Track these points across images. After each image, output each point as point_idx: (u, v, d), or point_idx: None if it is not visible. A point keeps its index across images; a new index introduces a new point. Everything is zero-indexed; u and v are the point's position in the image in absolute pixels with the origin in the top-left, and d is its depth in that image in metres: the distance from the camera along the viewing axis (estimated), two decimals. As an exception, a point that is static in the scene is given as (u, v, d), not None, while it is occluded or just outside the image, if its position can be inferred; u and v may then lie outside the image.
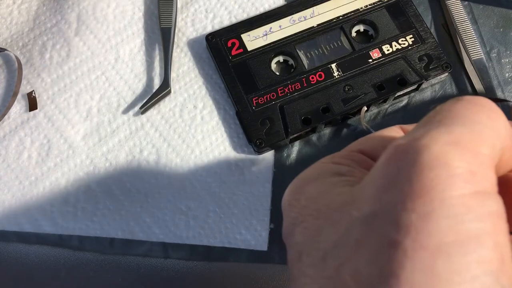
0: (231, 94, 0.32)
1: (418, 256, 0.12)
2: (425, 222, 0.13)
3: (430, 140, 0.13)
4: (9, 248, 0.30)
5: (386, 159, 0.14)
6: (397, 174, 0.13)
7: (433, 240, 0.12)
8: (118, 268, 0.30)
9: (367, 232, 0.14)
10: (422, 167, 0.13)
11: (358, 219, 0.14)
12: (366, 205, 0.14)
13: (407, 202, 0.13)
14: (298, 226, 0.17)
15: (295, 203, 0.18)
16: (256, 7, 0.36)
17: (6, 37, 0.35)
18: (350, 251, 0.14)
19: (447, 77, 0.34)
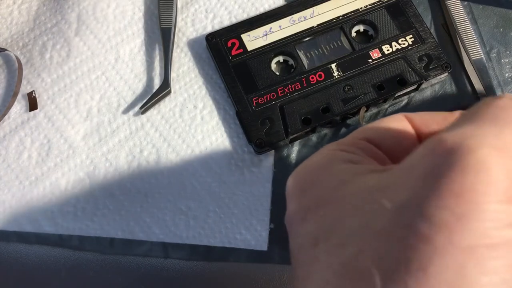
0: (231, 94, 0.32)
1: (449, 255, 0.13)
2: (460, 223, 0.13)
3: (478, 143, 0.13)
4: (9, 248, 0.30)
5: (428, 153, 0.14)
6: (437, 170, 0.13)
7: (466, 241, 0.13)
8: (118, 268, 0.30)
9: (397, 222, 0.14)
10: (465, 169, 0.13)
11: (387, 208, 0.14)
12: (398, 195, 0.14)
13: (444, 200, 0.13)
14: (314, 212, 0.17)
15: (309, 189, 0.18)
16: (256, 7, 0.36)
17: (6, 37, 0.35)
18: (374, 239, 0.14)
19: (447, 77, 0.34)
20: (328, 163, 0.18)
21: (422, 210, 0.13)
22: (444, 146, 0.14)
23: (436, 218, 0.13)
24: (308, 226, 0.17)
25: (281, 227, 0.30)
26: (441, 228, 0.13)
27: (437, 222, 0.13)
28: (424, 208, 0.13)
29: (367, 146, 0.19)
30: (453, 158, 0.13)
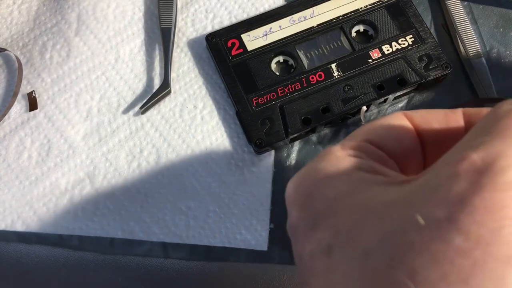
0: (231, 94, 0.32)
1: (488, 266, 0.13)
2: (497, 236, 0.13)
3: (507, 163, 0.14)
4: (9, 248, 0.30)
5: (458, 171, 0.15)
6: (469, 189, 0.14)
7: (504, 252, 0.13)
8: (118, 268, 0.30)
9: (429, 236, 0.14)
10: (497, 188, 0.14)
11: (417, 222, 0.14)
12: (429, 210, 0.14)
13: (479, 216, 0.14)
14: (325, 220, 0.17)
15: (317, 196, 0.18)
16: (256, 7, 0.36)
17: (6, 37, 0.35)
18: (404, 250, 0.14)
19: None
20: (337, 170, 0.18)
21: (458, 225, 0.14)
22: (474, 164, 0.15)
23: (473, 233, 0.14)
24: (318, 234, 0.17)
25: (281, 227, 0.30)
26: (479, 242, 0.13)
27: (474, 236, 0.14)
28: (460, 224, 0.14)
29: (369, 149, 0.19)
30: (486, 177, 0.14)
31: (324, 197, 0.17)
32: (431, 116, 0.20)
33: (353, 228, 0.16)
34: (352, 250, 0.16)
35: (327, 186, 0.18)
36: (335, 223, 0.17)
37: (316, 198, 0.18)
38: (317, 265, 0.16)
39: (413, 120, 0.20)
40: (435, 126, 0.19)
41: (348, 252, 0.16)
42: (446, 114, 0.20)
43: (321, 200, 0.17)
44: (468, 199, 0.14)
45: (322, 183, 0.18)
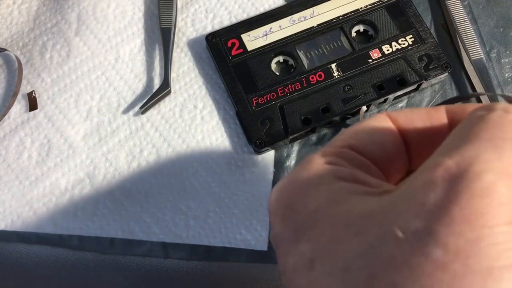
0: (231, 94, 0.32)
1: (469, 280, 0.13)
2: (475, 247, 0.13)
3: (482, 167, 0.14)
4: (9, 248, 0.30)
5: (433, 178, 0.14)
6: (445, 197, 0.14)
7: (484, 264, 0.13)
8: (118, 268, 0.30)
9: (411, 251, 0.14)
10: (473, 194, 0.14)
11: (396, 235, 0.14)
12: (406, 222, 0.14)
13: (457, 226, 0.13)
14: (306, 233, 0.17)
15: (298, 207, 0.17)
16: (256, 7, 0.36)
17: (6, 37, 0.35)
18: (384, 265, 0.14)
19: (447, 77, 0.34)
20: (317, 180, 0.18)
21: (436, 237, 0.13)
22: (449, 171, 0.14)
23: (451, 245, 0.13)
24: (300, 247, 0.17)
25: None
26: (458, 254, 0.13)
27: (453, 248, 0.13)
28: (437, 235, 0.13)
29: (350, 155, 0.19)
30: (461, 184, 0.14)
31: (305, 208, 0.17)
32: (415, 115, 0.19)
33: (333, 241, 0.16)
34: (333, 265, 0.15)
35: (307, 197, 0.17)
36: (315, 236, 0.16)
37: (296, 210, 0.17)
38: (299, 279, 0.16)
39: (397, 121, 0.19)
40: (418, 125, 0.19)
41: (329, 267, 0.15)
42: (429, 112, 0.19)
43: (302, 211, 0.17)
44: (445, 209, 0.14)
45: (302, 194, 0.18)
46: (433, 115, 0.19)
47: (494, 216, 0.13)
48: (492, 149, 0.14)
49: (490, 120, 0.15)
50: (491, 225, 0.13)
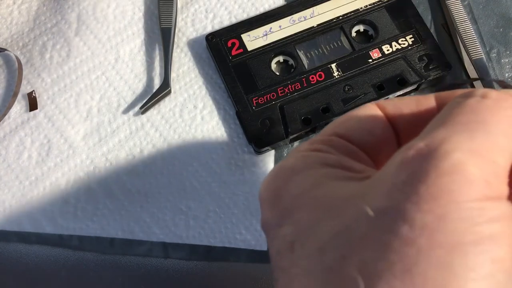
0: (231, 94, 0.32)
1: (434, 254, 0.13)
2: (442, 223, 0.13)
3: (451, 147, 0.14)
4: (9, 248, 0.30)
5: (404, 159, 0.15)
6: (414, 175, 0.14)
7: (450, 239, 0.13)
8: (118, 268, 0.30)
9: (379, 228, 0.14)
10: (441, 172, 0.14)
11: (367, 214, 0.14)
12: (378, 201, 0.14)
13: (423, 203, 0.14)
14: (289, 217, 0.17)
15: (284, 193, 0.18)
16: (256, 7, 0.36)
17: (6, 37, 0.35)
18: (355, 244, 0.14)
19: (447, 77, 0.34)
20: (302, 166, 0.18)
21: (403, 214, 0.14)
22: (419, 151, 0.14)
23: (418, 221, 0.13)
24: (283, 230, 0.17)
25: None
26: (424, 230, 0.13)
27: (419, 224, 0.13)
28: (405, 212, 0.14)
29: (338, 142, 0.19)
30: (429, 163, 0.14)
31: (290, 193, 0.17)
32: (403, 103, 0.19)
33: (312, 224, 0.16)
34: (310, 247, 0.15)
35: (292, 182, 0.18)
36: (297, 219, 0.17)
37: (282, 196, 0.18)
38: (283, 262, 0.16)
39: (385, 109, 0.19)
40: (407, 112, 0.19)
41: (307, 249, 0.16)
42: (418, 100, 0.19)
43: (287, 197, 0.17)
44: (413, 187, 0.14)
45: (288, 180, 0.18)
46: (422, 102, 0.19)
47: (461, 192, 0.14)
48: (465, 132, 0.15)
49: (467, 105, 0.16)
50: (458, 201, 0.13)
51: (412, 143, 0.15)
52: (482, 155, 0.14)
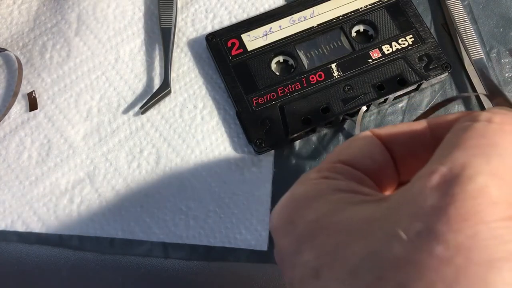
0: (231, 94, 0.32)
1: (472, 272, 0.14)
2: (474, 241, 0.14)
3: (474, 171, 0.15)
4: (9, 248, 0.30)
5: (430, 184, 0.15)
6: (443, 199, 0.15)
7: (484, 257, 0.14)
8: (118, 268, 0.30)
9: (412, 249, 0.15)
10: (468, 195, 0.15)
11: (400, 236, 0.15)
12: (409, 224, 0.15)
13: (454, 224, 0.14)
14: (308, 243, 0.17)
15: (299, 220, 0.18)
16: (256, 7, 0.36)
17: (6, 37, 0.35)
18: (391, 266, 0.15)
19: (447, 77, 0.34)
20: (316, 193, 0.19)
21: (437, 235, 0.14)
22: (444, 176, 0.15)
23: (452, 241, 0.14)
24: (304, 257, 0.17)
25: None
26: (459, 249, 0.14)
27: (453, 244, 0.14)
28: (438, 233, 0.14)
29: (345, 170, 0.20)
30: (456, 187, 0.15)
31: (305, 220, 0.18)
32: (396, 129, 0.20)
33: (338, 248, 0.16)
34: (339, 270, 0.16)
35: (307, 209, 0.18)
36: (319, 244, 0.17)
37: (297, 223, 0.18)
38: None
39: (380, 136, 0.20)
40: (400, 139, 0.20)
41: (336, 273, 0.16)
42: (410, 126, 0.20)
43: (302, 223, 0.18)
44: (443, 210, 0.15)
45: (301, 207, 0.18)
46: (414, 128, 0.20)
47: (487, 213, 0.14)
48: (480, 155, 0.16)
49: (475, 129, 0.17)
50: (486, 221, 0.14)
51: (433, 168, 0.16)
52: (501, 177, 0.15)
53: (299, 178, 0.20)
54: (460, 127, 0.17)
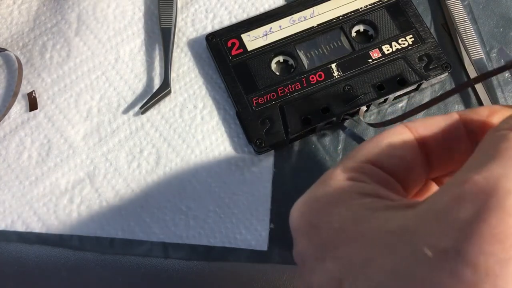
0: (231, 94, 0.32)
1: None
2: (505, 268, 0.13)
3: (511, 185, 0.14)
4: (9, 248, 0.30)
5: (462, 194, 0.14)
6: (475, 214, 0.13)
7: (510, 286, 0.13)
8: (118, 268, 0.30)
9: (441, 270, 0.13)
10: (504, 212, 0.13)
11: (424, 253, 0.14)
12: (435, 240, 0.14)
13: (486, 246, 0.13)
14: (332, 251, 0.17)
15: (323, 225, 0.17)
16: (256, 7, 0.36)
17: (7, 37, 0.35)
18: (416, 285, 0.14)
19: (447, 77, 0.34)
20: (339, 197, 0.18)
21: (465, 256, 0.13)
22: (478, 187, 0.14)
23: (482, 265, 0.13)
24: (327, 266, 0.16)
25: (281, 227, 0.30)
26: (488, 275, 0.13)
27: (483, 268, 0.13)
28: (467, 254, 0.13)
29: (372, 171, 0.19)
30: (491, 202, 0.13)
31: (329, 226, 0.17)
32: (432, 122, 0.19)
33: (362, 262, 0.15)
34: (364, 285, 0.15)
35: (331, 214, 0.17)
36: (343, 255, 0.16)
37: (321, 228, 0.17)
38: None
39: (416, 130, 0.19)
40: (437, 131, 0.19)
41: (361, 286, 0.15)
42: (444, 118, 0.19)
43: (326, 229, 0.17)
44: (476, 227, 0.13)
45: (325, 211, 0.18)
46: (448, 120, 0.19)
47: None
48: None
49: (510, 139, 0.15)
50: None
51: (467, 176, 0.14)
52: None
53: (323, 175, 0.19)
54: (497, 135, 0.16)
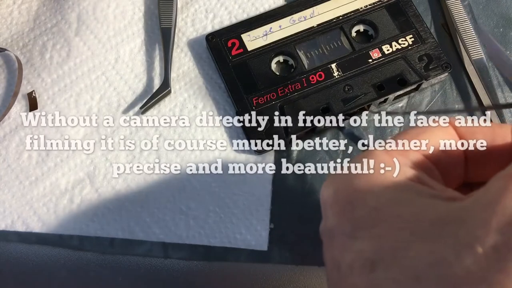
0: (231, 94, 0.32)
1: None
2: None
3: None
4: (9, 248, 0.30)
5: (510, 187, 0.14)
6: None
7: None
8: (118, 268, 0.30)
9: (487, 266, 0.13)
10: None
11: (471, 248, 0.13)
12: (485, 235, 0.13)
13: None
14: (366, 231, 0.16)
15: (358, 203, 0.17)
16: (256, 7, 0.36)
17: (7, 37, 0.35)
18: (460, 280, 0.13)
19: (447, 77, 0.34)
20: (379, 176, 0.17)
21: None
22: None
23: None
24: (359, 245, 0.16)
25: (281, 227, 0.30)
26: None
27: None
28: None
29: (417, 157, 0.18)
30: None
31: (365, 205, 0.16)
32: (478, 128, 0.19)
33: (400, 247, 0.15)
34: (400, 272, 0.15)
35: (369, 193, 0.17)
36: (377, 236, 0.16)
37: (356, 206, 0.17)
38: (356, 278, 0.16)
39: (459, 129, 0.19)
40: (479, 137, 0.18)
41: (394, 273, 0.15)
42: (493, 128, 0.19)
43: (362, 208, 0.17)
44: None
45: (363, 189, 0.17)
46: (496, 131, 0.19)
47: None
48: None
49: None
50: None
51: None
52: None
53: (362, 154, 0.18)
54: None
